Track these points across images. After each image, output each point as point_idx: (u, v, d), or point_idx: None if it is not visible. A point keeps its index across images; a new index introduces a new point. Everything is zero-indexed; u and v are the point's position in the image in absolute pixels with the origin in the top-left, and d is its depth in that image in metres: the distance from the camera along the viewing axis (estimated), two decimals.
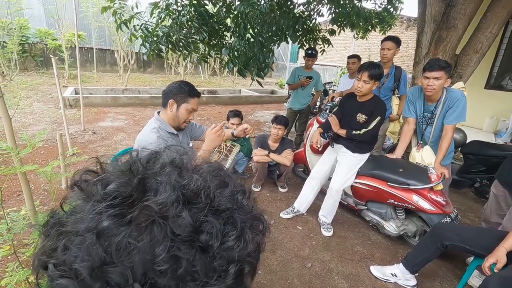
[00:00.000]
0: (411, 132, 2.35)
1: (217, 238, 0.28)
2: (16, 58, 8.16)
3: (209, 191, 0.31)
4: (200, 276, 0.27)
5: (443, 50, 3.87)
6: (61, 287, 0.26)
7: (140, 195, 0.29)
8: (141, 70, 12.40)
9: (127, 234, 0.26)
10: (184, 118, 1.61)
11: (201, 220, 0.29)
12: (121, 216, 0.27)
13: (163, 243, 0.26)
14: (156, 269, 0.26)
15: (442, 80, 2.04)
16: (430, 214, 2.06)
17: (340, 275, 2.05)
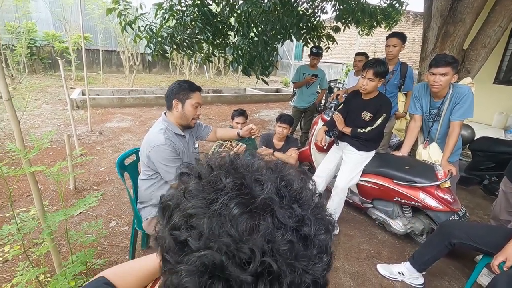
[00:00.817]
0: (417, 129, 2.33)
1: (313, 231, 0.34)
2: (24, 61, 8.29)
3: (305, 192, 0.37)
4: (306, 262, 0.33)
5: (450, 45, 3.81)
6: (207, 257, 0.31)
7: (250, 188, 0.35)
8: (147, 71, 12.50)
9: (252, 220, 0.32)
10: (192, 114, 1.62)
11: (304, 216, 0.34)
12: (245, 206, 0.33)
13: (280, 229, 0.32)
14: (275, 252, 0.31)
15: (448, 76, 2.01)
16: (437, 212, 2.04)
17: (347, 273, 2.04)
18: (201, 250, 0.31)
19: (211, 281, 0.31)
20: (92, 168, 3.38)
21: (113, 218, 2.48)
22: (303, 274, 0.32)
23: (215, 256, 0.30)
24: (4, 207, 2.48)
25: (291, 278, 0.31)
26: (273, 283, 0.31)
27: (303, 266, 0.32)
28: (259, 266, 0.30)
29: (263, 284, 0.30)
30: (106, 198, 2.78)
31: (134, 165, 1.93)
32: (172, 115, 1.64)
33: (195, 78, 11.35)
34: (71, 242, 1.64)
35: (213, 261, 0.30)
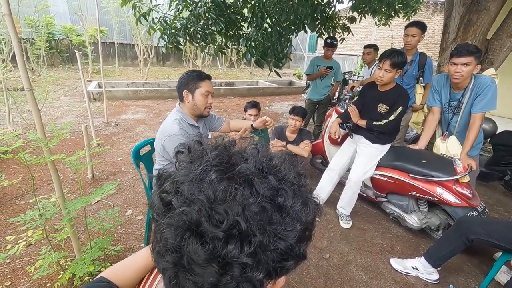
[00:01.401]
0: (435, 122, 2.25)
1: (289, 202, 0.37)
2: (43, 54, 8.52)
3: (284, 168, 0.40)
4: (277, 226, 0.35)
5: (473, 35, 3.65)
6: (185, 213, 0.34)
7: (233, 162, 0.39)
8: (160, 64, 12.61)
9: (229, 185, 0.35)
10: (203, 103, 1.62)
11: (279, 187, 0.37)
12: (223, 173, 0.37)
13: (254, 195, 0.35)
14: (247, 214, 0.34)
15: (471, 66, 1.92)
16: (455, 207, 1.98)
17: (359, 266, 2.03)
18: (180, 207, 0.35)
19: (188, 235, 0.34)
20: (108, 158, 3.47)
21: (128, 207, 2.54)
22: (273, 237, 0.35)
23: (191, 213, 0.34)
24: (27, 194, 2.58)
25: (260, 239, 0.34)
26: (243, 241, 0.33)
27: (273, 230, 0.35)
28: (231, 226, 0.33)
29: (233, 241, 0.33)
30: (122, 187, 2.85)
31: (149, 155, 1.96)
32: (185, 106, 1.65)
33: (208, 71, 11.36)
34: (90, 229, 1.69)
35: (190, 218, 0.34)
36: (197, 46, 3.67)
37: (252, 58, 3.17)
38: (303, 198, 0.39)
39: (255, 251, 0.34)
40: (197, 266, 0.34)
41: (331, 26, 4.59)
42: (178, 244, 0.34)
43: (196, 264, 0.34)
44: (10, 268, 1.81)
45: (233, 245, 0.33)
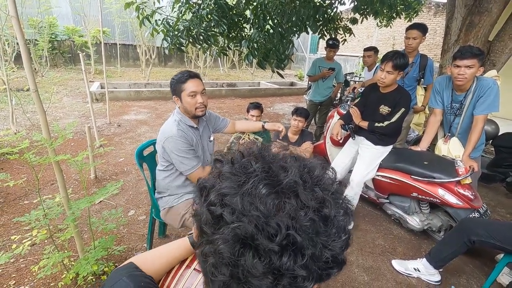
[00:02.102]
0: (437, 124, 2.26)
1: (333, 212, 0.38)
2: (46, 55, 8.56)
3: (327, 179, 0.42)
4: (326, 238, 0.37)
5: (475, 37, 3.67)
6: (240, 228, 0.35)
7: (277, 173, 0.39)
8: (162, 65, 12.65)
9: (279, 199, 0.36)
10: (192, 104, 1.59)
11: (325, 198, 0.38)
12: (272, 187, 0.37)
13: (303, 208, 0.36)
14: (297, 227, 0.35)
15: (474, 69, 1.93)
16: (457, 209, 1.99)
17: (361, 267, 2.03)
18: (234, 222, 0.36)
19: (243, 249, 0.35)
20: (111, 159, 3.49)
21: (131, 207, 2.56)
22: (323, 248, 0.37)
23: (246, 228, 0.35)
24: (30, 194, 2.60)
25: (312, 251, 0.36)
26: (296, 254, 0.35)
27: (323, 242, 0.37)
28: (284, 239, 0.34)
29: (287, 254, 0.34)
30: (124, 188, 2.87)
31: (152, 156, 1.98)
32: (180, 109, 1.67)
33: (210, 72, 11.41)
34: (93, 229, 1.70)
35: (245, 232, 0.35)
36: (199, 47, 3.69)
37: (254, 60, 3.19)
38: (344, 207, 0.41)
39: (307, 262, 0.35)
40: (254, 278, 0.35)
41: (333, 27, 4.61)
42: (235, 258, 0.35)
43: (254, 276, 0.35)
44: (14, 267, 1.83)
45: (287, 257, 0.35)
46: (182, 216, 1.65)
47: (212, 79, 9.88)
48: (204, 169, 1.66)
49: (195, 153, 1.64)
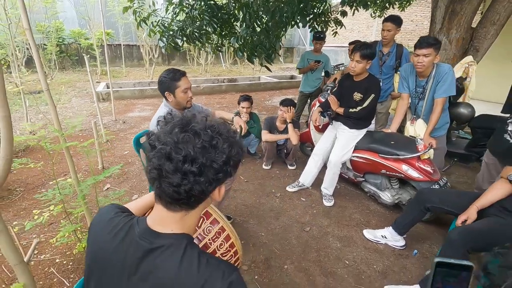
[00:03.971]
0: (405, 107, 2.48)
1: (220, 144, 0.64)
2: (55, 58, 8.96)
3: (220, 128, 0.67)
4: (211, 155, 0.63)
5: (458, 24, 3.83)
6: (162, 149, 0.61)
7: (189, 123, 0.65)
8: (166, 63, 12.96)
9: (185, 134, 0.62)
10: (185, 98, 1.85)
11: (214, 136, 0.64)
12: (182, 128, 0.63)
13: (199, 140, 0.62)
14: (195, 149, 0.61)
15: (431, 57, 2.15)
16: (419, 182, 2.22)
17: (335, 237, 2.29)
18: (159, 146, 0.62)
19: (164, 160, 0.61)
20: (117, 151, 3.81)
21: (135, 193, 2.87)
22: (209, 160, 0.63)
23: (166, 149, 0.61)
24: (47, 184, 2.94)
25: (203, 161, 0.62)
26: (192, 161, 0.61)
27: (209, 157, 0.63)
28: (186, 154, 0.60)
29: (188, 161, 0.61)
30: (129, 177, 3.18)
31: None
32: (169, 102, 1.91)
33: (212, 68, 11.68)
34: (100, 206, 2.01)
35: (164, 151, 0.61)
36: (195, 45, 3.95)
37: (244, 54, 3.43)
38: (229, 142, 0.67)
39: (199, 167, 0.62)
40: (169, 174, 0.61)
41: (323, 21, 4.80)
42: (159, 164, 0.61)
43: (169, 173, 0.61)
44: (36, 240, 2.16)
45: (187, 164, 0.61)
46: None
47: (214, 76, 10.14)
48: None
49: None
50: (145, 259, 0.67)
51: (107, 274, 0.71)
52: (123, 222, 0.74)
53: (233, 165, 0.70)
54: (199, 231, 0.96)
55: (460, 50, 3.92)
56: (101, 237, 0.74)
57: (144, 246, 0.68)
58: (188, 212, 0.71)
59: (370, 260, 2.07)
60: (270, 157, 3.41)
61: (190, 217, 0.72)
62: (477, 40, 3.88)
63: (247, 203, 2.72)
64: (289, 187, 2.96)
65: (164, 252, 0.66)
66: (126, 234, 0.72)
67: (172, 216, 0.69)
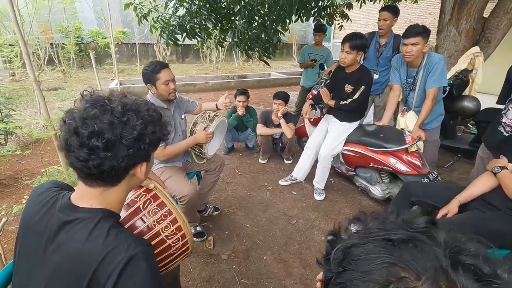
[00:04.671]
0: (396, 99, 2.40)
1: (133, 120, 0.67)
2: (73, 57, 9.36)
3: (136, 107, 0.70)
4: (119, 131, 0.65)
5: (467, 14, 3.67)
6: (69, 125, 0.65)
7: (104, 101, 0.68)
8: (180, 61, 13.19)
9: (93, 110, 0.65)
10: (166, 90, 1.88)
11: (129, 113, 0.67)
12: (93, 105, 0.66)
13: (108, 116, 0.65)
14: (100, 124, 0.63)
15: (419, 46, 2.06)
16: (407, 176, 2.15)
17: (321, 230, 2.27)
18: (71, 122, 0.66)
19: (70, 135, 0.64)
20: None
21: None
22: (118, 136, 0.65)
23: (72, 124, 0.65)
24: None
25: (110, 136, 0.64)
26: (99, 136, 0.63)
27: (117, 132, 0.65)
28: (92, 130, 0.63)
29: (94, 137, 0.63)
30: None
31: None
32: (154, 94, 1.96)
33: (224, 65, 11.77)
34: None
35: (72, 126, 0.64)
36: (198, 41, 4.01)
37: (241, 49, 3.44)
38: (144, 120, 0.69)
39: (106, 142, 0.64)
40: (75, 148, 0.64)
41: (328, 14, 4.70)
42: (66, 139, 0.65)
43: (74, 147, 0.64)
44: None
45: (93, 139, 0.63)
46: None
47: (225, 72, 10.22)
48: (165, 149, 1.94)
49: None
50: (60, 231, 0.70)
51: (29, 244, 0.74)
52: (50, 196, 0.78)
53: (149, 143, 0.71)
54: (144, 212, 0.98)
55: (471, 41, 3.74)
56: (31, 209, 0.78)
57: (61, 218, 0.71)
58: (108, 189, 0.73)
59: None
60: (266, 151, 3.41)
61: (111, 193, 0.74)
62: (489, 31, 3.69)
63: (238, 195, 2.74)
64: (282, 180, 2.95)
65: (77, 225, 0.69)
66: (50, 207, 0.75)
67: (91, 192, 0.72)
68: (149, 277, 0.63)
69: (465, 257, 0.33)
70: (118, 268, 0.61)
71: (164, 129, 0.76)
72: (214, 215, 2.42)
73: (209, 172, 2.32)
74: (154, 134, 0.71)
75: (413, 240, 0.36)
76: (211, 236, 2.17)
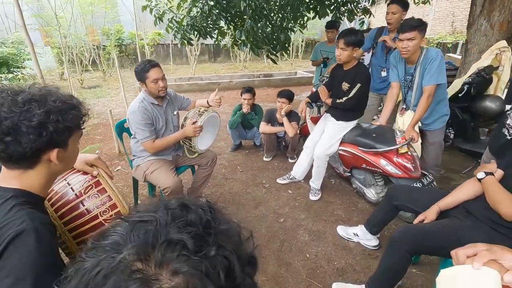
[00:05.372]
0: (394, 97, 2.26)
1: (35, 109, 0.74)
2: (114, 57, 10.11)
3: (43, 97, 0.77)
4: (18, 119, 0.72)
5: (501, 5, 3.38)
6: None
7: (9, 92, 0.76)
8: (212, 60, 13.60)
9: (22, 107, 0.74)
10: (155, 88, 1.99)
11: (32, 103, 0.75)
12: (1, 96, 0.74)
13: (10, 105, 0.73)
14: (2, 112, 0.72)
15: (416, 40, 1.92)
16: (398, 179, 2.02)
17: (307, 230, 2.22)
18: None
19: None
20: None
21: None
22: (16, 123, 0.72)
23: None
24: None
25: (7, 123, 0.72)
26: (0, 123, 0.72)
27: (14, 119, 0.72)
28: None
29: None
30: None
31: None
32: (146, 91, 2.07)
33: (252, 64, 11.90)
34: None
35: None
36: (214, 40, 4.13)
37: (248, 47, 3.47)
38: (48, 108, 0.76)
39: (6, 128, 0.72)
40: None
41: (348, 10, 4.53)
42: None
43: None
44: None
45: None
46: (144, 172, 2.11)
47: (253, 71, 10.32)
48: (154, 143, 2.05)
49: (151, 127, 2.04)
50: None
51: None
52: None
53: (54, 131, 0.78)
54: (84, 196, 1.07)
55: (504, 35, 3.39)
56: None
57: None
58: (25, 171, 0.82)
59: (334, 256, 1.97)
60: (270, 149, 3.41)
61: (29, 176, 0.82)
62: None
63: (233, 191, 2.79)
64: (280, 179, 2.94)
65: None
66: None
67: (10, 173, 0.81)
68: (35, 252, 0.68)
69: (176, 234, 0.34)
70: (7, 239, 0.69)
71: (75, 118, 0.83)
72: None
73: (201, 166, 2.40)
74: (58, 122, 0.78)
75: (147, 220, 0.38)
76: None
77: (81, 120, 0.86)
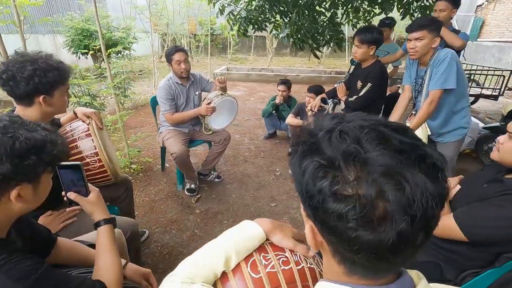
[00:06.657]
0: (406, 101, 2.08)
1: (28, 65, 1.16)
2: (202, 45, 11.34)
3: (35, 59, 1.19)
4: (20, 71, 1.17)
5: None
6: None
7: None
8: (293, 54, 13.80)
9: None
10: (178, 69, 2.37)
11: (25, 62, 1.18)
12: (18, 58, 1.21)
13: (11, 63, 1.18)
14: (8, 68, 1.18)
15: (425, 40, 1.76)
16: None
17: (293, 219, 2.31)
18: None
19: None
20: None
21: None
22: (39, 74, 1.16)
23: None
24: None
25: (8, 75, 1.15)
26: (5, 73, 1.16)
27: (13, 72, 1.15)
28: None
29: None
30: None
31: None
32: (172, 71, 2.48)
33: (332, 61, 11.62)
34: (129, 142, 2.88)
35: None
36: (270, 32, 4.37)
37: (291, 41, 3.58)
38: (34, 66, 1.18)
39: (9, 76, 1.17)
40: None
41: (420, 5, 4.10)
42: None
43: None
44: None
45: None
46: (163, 138, 2.55)
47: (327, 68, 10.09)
48: (173, 115, 2.46)
49: (172, 102, 2.45)
50: None
51: None
52: None
53: (39, 82, 1.16)
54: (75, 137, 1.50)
55: None
56: None
57: None
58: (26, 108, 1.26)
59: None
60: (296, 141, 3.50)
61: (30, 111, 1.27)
62: None
63: (246, 173, 3.03)
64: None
65: None
66: None
67: (18, 108, 1.27)
68: None
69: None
70: None
71: (55, 75, 1.20)
72: (215, 181, 2.82)
73: (215, 143, 2.72)
74: (41, 77, 1.16)
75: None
76: (200, 194, 2.59)
77: (62, 78, 1.25)
